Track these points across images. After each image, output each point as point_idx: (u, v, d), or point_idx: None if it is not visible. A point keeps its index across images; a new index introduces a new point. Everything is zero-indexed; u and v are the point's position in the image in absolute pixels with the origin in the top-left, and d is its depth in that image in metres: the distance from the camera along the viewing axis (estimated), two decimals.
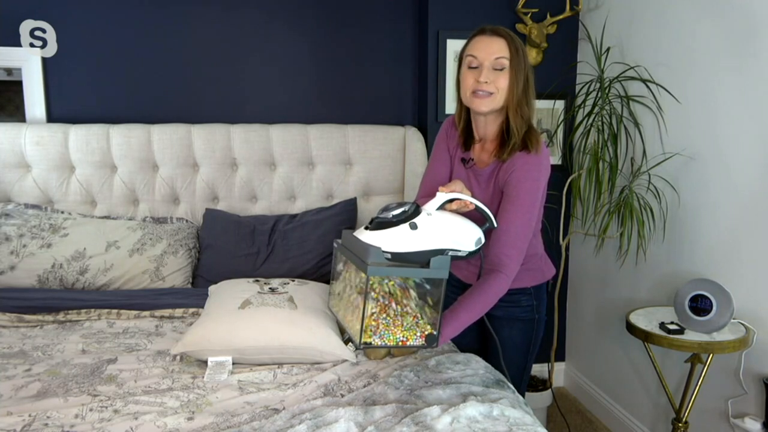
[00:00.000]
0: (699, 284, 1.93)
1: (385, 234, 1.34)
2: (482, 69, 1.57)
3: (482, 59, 1.57)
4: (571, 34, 2.77)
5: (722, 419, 2.01)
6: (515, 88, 1.58)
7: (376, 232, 1.35)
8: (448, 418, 1.41)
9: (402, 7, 2.77)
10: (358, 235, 1.36)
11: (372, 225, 1.37)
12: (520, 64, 1.57)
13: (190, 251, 2.43)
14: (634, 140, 2.41)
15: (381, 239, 1.34)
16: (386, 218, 1.36)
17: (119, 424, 1.40)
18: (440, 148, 1.78)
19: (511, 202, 1.58)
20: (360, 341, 1.34)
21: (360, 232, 1.37)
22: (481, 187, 1.68)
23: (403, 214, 1.37)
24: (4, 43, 2.48)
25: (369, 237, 1.34)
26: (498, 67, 1.57)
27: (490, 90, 1.57)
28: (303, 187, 2.64)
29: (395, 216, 1.36)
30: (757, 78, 1.84)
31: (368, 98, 2.80)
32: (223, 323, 1.76)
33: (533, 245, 1.74)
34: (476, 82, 1.57)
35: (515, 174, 1.59)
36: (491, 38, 1.57)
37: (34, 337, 1.93)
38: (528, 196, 1.58)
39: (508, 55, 1.56)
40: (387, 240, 1.33)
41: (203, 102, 2.67)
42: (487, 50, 1.57)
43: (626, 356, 2.53)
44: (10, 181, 2.47)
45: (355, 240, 1.36)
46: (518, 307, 1.77)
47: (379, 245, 1.32)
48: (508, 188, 1.60)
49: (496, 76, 1.57)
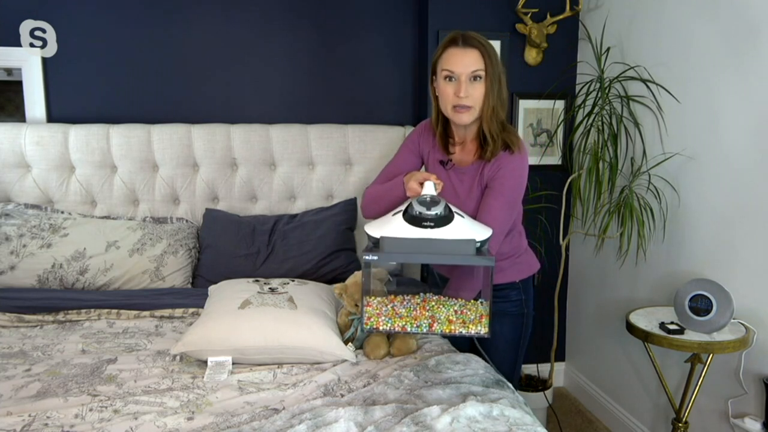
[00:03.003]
0: (699, 284, 1.93)
1: (458, 226, 1.38)
2: (460, 83, 1.60)
3: (459, 73, 1.60)
4: (571, 34, 2.77)
5: (722, 419, 2.01)
6: (490, 96, 1.62)
7: (449, 227, 1.38)
8: (447, 418, 1.40)
9: (402, 7, 2.77)
10: (427, 235, 1.36)
11: (433, 222, 1.37)
12: (495, 71, 1.61)
13: (190, 251, 2.43)
14: (634, 140, 2.41)
15: (461, 231, 1.37)
16: (442, 213, 1.39)
17: (119, 424, 1.40)
18: (409, 149, 1.83)
19: (495, 198, 1.65)
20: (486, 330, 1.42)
21: (424, 232, 1.37)
22: (464, 184, 1.72)
23: (447, 207, 1.41)
24: (4, 43, 2.48)
25: (448, 232, 1.36)
26: (474, 78, 1.61)
27: (469, 104, 1.62)
28: (303, 187, 2.64)
29: (444, 210, 1.40)
30: (757, 78, 1.84)
31: (368, 98, 2.80)
32: (223, 323, 1.75)
33: (518, 241, 1.83)
34: (456, 96, 1.61)
35: (501, 172, 1.66)
36: (465, 50, 1.60)
37: (34, 337, 1.93)
38: (512, 193, 1.67)
39: (482, 65, 1.60)
40: (462, 232, 1.37)
41: (203, 102, 2.67)
42: (462, 64, 1.60)
43: (626, 356, 2.53)
44: (10, 181, 2.47)
45: (429, 241, 1.36)
46: (508, 302, 1.84)
47: (471, 237, 1.37)
48: (493, 183, 1.66)
49: (474, 88, 1.61)
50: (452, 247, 1.36)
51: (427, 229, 1.37)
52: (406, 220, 1.40)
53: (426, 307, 1.43)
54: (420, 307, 1.44)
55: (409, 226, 1.38)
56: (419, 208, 1.40)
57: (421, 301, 1.47)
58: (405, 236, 1.38)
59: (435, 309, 1.44)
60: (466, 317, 1.43)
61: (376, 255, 1.37)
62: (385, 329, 1.43)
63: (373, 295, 1.46)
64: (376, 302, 1.44)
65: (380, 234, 1.40)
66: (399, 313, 1.42)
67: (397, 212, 1.45)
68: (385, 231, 1.40)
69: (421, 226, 1.37)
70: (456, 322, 1.42)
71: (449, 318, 1.41)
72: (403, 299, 1.49)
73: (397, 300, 1.48)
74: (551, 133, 2.77)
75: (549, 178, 2.75)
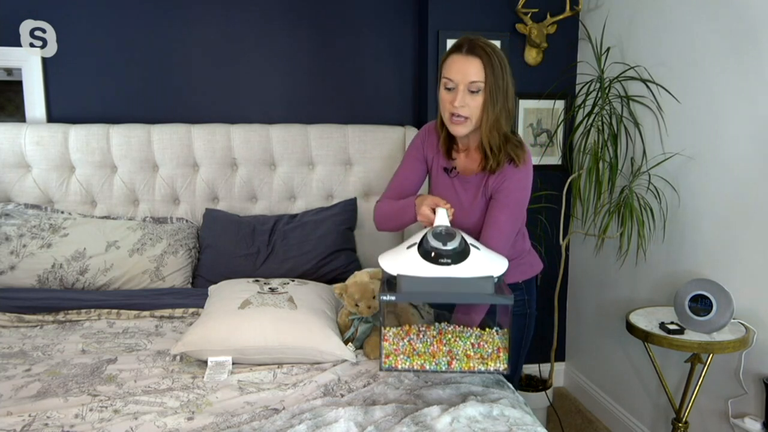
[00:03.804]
0: (699, 284, 1.93)
1: (475, 261, 1.35)
2: (457, 92, 1.57)
3: (457, 82, 1.57)
4: (571, 34, 2.77)
5: (722, 419, 2.01)
6: (490, 109, 1.57)
7: (467, 262, 1.34)
8: (447, 418, 1.41)
9: (402, 7, 2.77)
10: (445, 273, 1.33)
11: (450, 258, 1.34)
12: (497, 83, 1.56)
13: (190, 251, 2.43)
14: (634, 140, 2.41)
15: (478, 267, 1.34)
16: (458, 248, 1.35)
17: (119, 424, 1.40)
18: (413, 156, 1.80)
19: (501, 210, 1.63)
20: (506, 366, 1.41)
21: (441, 269, 1.34)
22: (468, 194, 1.71)
23: (462, 241, 1.37)
24: (4, 43, 2.48)
25: (465, 269, 1.33)
26: (473, 89, 1.57)
27: (465, 114, 1.58)
28: (303, 187, 2.64)
29: (460, 244, 1.36)
30: (757, 78, 1.84)
31: (368, 98, 2.80)
32: (223, 323, 1.76)
33: (522, 243, 1.82)
34: (452, 105, 1.58)
35: (506, 184, 1.64)
36: (467, 59, 1.56)
37: (34, 337, 1.93)
38: (516, 205, 1.66)
39: (482, 77, 1.55)
40: (479, 267, 1.35)
41: (203, 102, 2.67)
42: (461, 73, 1.56)
43: (626, 356, 2.53)
44: (10, 181, 2.47)
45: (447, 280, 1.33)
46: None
47: (489, 272, 1.34)
48: (498, 196, 1.65)
49: (472, 98, 1.57)
50: (471, 285, 1.33)
51: (445, 267, 1.33)
52: (422, 255, 1.36)
53: (443, 340, 1.40)
54: (437, 340, 1.40)
55: (426, 263, 1.35)
56: (435, 243, 1.36)
57: (437, 333, 1.43)
58: (422, 274, 1.34)
59: (452, 342, 1.40)
60: (484, 350, 1.40)
61: (394, 295, 1.34)
62: (404, 368, 1.40)
63: (388, 326, 1.41)
64: (392, 334, 1.40)
65: (397, 271, 1.36)
66: (416, 348, 1.39)
67: (412, 245, 1.41)
68: (401, 267, 1.35)
69: (438, 263, 1.34)
70: (474, 357, 1.40)
71: (467, 353, 1.39)
72: (419, 330, 1.45)
73: (413, 332, 1.44)
74: (551, 133, 2.77)
75: (549, 178, 2.74)
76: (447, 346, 1.40)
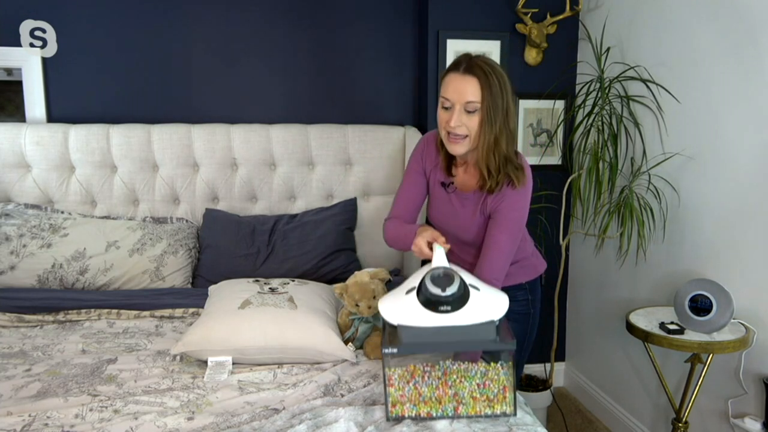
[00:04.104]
0: (699, 284, 1.93)
1: (475, 305, 1.35)
2: (453, 112, 1.55)
3: (453, 102, 1.55)
4: (571, 34, 2.77)
5: (722, 419, 2.01)
6: (487, 129, 1.55)
7: (467, 308, 1.34)
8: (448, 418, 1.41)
9: (402, 7, 2.77)
10: (445, 322, 1.32)
11: (449, 305, 1.33)
12: (495, 103, 1.53)
13: (190, 251, 2.43)
14: (634, 140, 2.41)
15: (479, 311, 1.34)
16: (457, 293, 1.34)
17: (119, 424, 1.40)
18: (414, 169, 1.79)
19: (500, 230, 1.63)
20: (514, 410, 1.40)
21: (441, 318, 1.33)
22: (467, 210, 1.70)
23: (461, 284, 1.37)
24: (4, 43, 2.48)
25: (466, 315, 1.33)
26: (470, 109, 1.55)
27: (463, 133, 1.57)
28: (303, 187, 2.64)
29: (459, 288, 1.35)
30: (757, 78, 1.84)
31: (368, 98, 2.80)
32: (223, 323, 1.76)
33: (523, 249, 1.81)
34: (448, 125, 1.57)
35: (504, 204, 1.63)
36: (464, 78, 1.53)
37: (34, 337, 1.93)
38: (515, 225, 1.66)
39: (479, 98, 1.53)
40: (479, 311, 1.35)
41: (203, 102, 2.67)
42: (457, 92, 1.54)
43: (626, 356, 2.53)
44: (10, 181, 2.47)
45: (448, 329, 1.33)
46: (514, 302, 1.80)
47: (490, 318, 1.34)
48: (497, 216, 1.65)
49: (468, 118, 1.55)
50: (472, 333, 1.33)
51: (445, 315, 1.33)
52: (422, 303, 1.35)
53: (447, 382, 1.40)
54: (442, 383, 1.40)
55: (426, 311, 1.34)
56: (434, 289, 1.35)
57: (442, 375, 1.43)
58: (422, 324, 1.34)
59: (457, 384, 1.40)
60: (490, 391, 1.40)
61: (396, 348, 1.35)
62: (411, 416, 1.40)
63: (392, 368, 1.40)
64: (397, 377, 1.40)
65: (397, 321, 1.36)
66: (422, 393, 1.38)
67: (411, 290, 1.40)
68: (401, 316, 1.36)
69: (437, 311, 1.33)
70: (480, 400, 1.39)
71: (473, 394, 1.38)
72: (423, 372, 1.44)
73: (418, 373, 1.43)
74: (551, 133, 2.77)
75: (549, 178, 2.75)
76: (452, 388, 1.39)
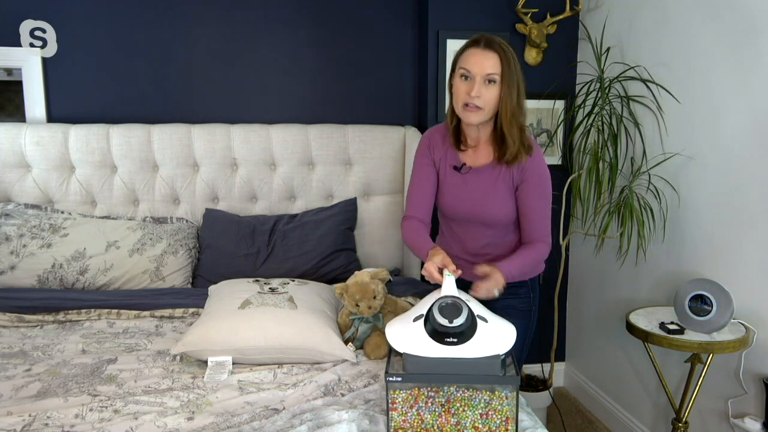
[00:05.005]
0: (699, 284, 1.93)
1: (482, 337, 1.36)
2: (474, 83, 1.64)
3: (474, 73, 1.64)
4: (571, 34, 2.77)
5: (722, 419, 2.01)
6: (508, 100, 1.66)
7: (473, 340, 1.35)
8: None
9: (402, 7, 2.77)
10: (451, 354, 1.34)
11: (456, 338, 1.35)
12: (513, 77, 1.65)
13: (190, 251, 2.43)
14: (634, 140, 2.41)
15: (485, 343, 1.36)
16: (464, 325, 1.36)
17: (119, 424, 1.40)
18: (423, 162, 1.84)
19: (534, 197, 1.75)
20: None
21: (447, 350, 1.34)
22: (485, 183, 1.76)
23: (469, 315, 1.38)
24: (4, 43, 2.48)
25: (472, 348, 1.34)
26: (490, 79, 1.64)
27: (480, 104, 1.65)
28: (303, 187, 2.64)
29: (467, 320, 1.37)
30: (758, 78, 1.84)
31: (368, 98, 2.80)
32: (224, 323, 1.76)
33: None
34: (467, 95, 1.65)
35: (528, 172, 1.73)
36: (484, 52, 1.64)
37: (34, 337, 1.93)
38: (545, 187, 1.77)
39: (499, 70, 1.64)
40: (485, 344, 1.36)
41: (203, 102, 2.67)
42: (479, 65, 1.64)
43: (626, 356, 2.53)
44: (10, 181, 2.47)
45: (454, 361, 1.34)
46: (517, 299, 1.85)
47: (496, 353, 1.36)
48: (525, 185, 1.74)
49: (487, 89, 1.65)
50: (478, 367, 1.35)
51: (451, 347, 1.34)
52: (429, 333, 1.37)
53: (450, 410, 1.40)
54: (445, 411, 1.40)
55: (432, 342, 1.36)
56: (441, 320, 1.36)
57: (445, 402, 1.42)
58: (428, 354, 1.35)
59: (460, 413, 1.40)
60: (492, 422, 1.39)
61: (400, 377, 1.36)
62: None
63: (396, 390, 1.40)
64: (401, 400, 1.40)
65: (403, 348, 1.38)
66: (425, 420, 1.39)
67: (418, 317, 1.42)
68: (407, 344, 1.38)
69: (444, 343, 1.35)
70: (482, 431, 1.40)
71: (475, 425, 1.38)
72: (427, 397, 1.43)
73: (422, 398, 1.42)
74: (551, 133, 2.77)
75: None
76: (455, 417, 1.40)
